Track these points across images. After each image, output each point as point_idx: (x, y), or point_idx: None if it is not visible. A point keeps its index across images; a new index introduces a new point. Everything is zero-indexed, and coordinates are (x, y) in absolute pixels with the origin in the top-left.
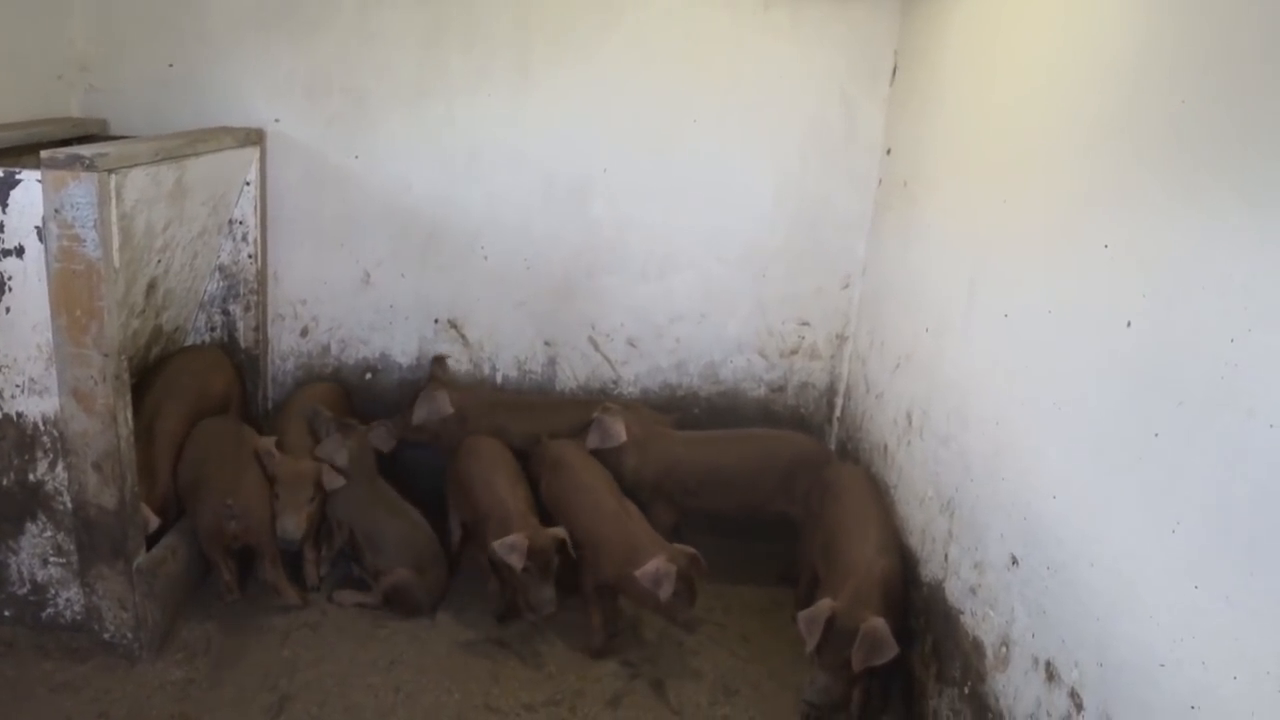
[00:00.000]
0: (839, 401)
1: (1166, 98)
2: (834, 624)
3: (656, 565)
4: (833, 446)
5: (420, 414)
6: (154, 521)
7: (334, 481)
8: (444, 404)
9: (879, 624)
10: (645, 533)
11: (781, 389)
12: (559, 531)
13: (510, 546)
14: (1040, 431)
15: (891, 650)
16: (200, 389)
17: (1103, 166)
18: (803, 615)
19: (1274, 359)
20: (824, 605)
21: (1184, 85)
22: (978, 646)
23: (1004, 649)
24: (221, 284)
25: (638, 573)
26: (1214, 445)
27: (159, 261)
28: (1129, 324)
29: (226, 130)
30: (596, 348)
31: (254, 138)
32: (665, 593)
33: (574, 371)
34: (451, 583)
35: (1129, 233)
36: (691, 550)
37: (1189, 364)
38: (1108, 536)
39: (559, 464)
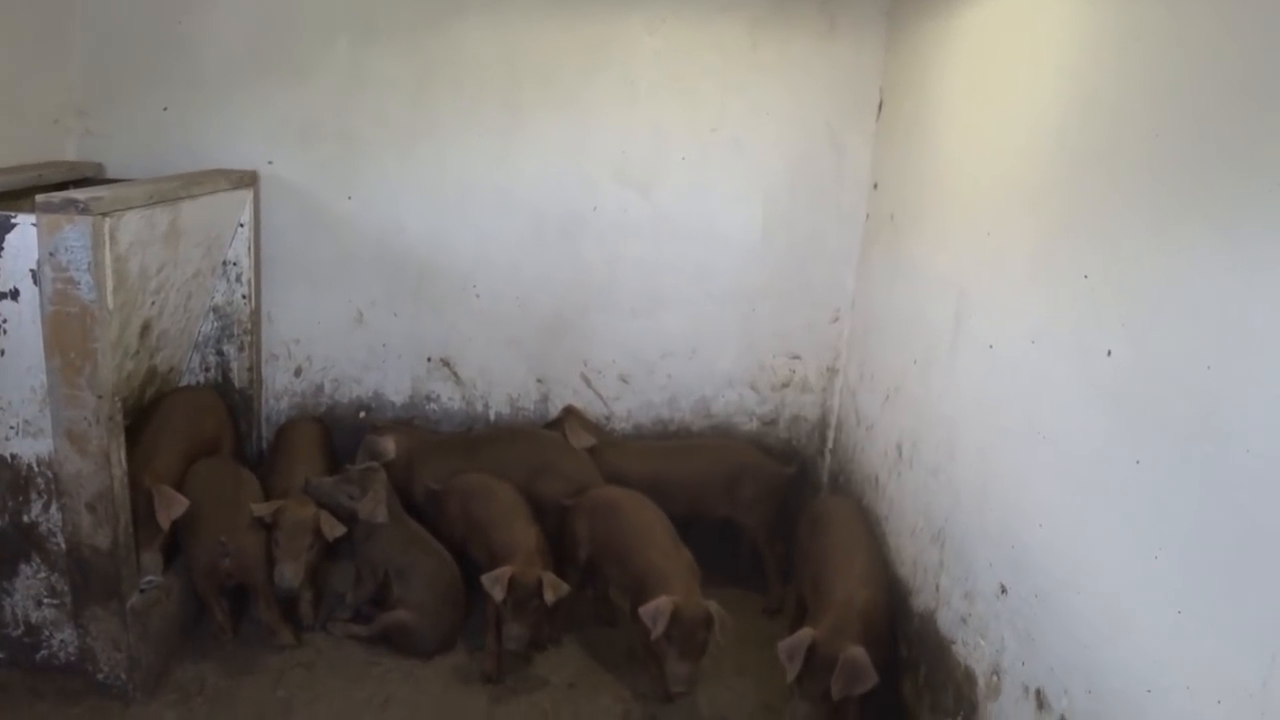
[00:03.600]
0: (830, 434)
1: (1142, 129)
2: (814, 653)
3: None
4: (825, 479)
5: (362, 459)
6: (160, 563)
7: (334, 530)
8: (386, 447)
9: (858, 653)
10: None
11: (773, 422)
12: (547, 575)
13: (494, 579)
14: (1025, 461)
15: (871, 680)
16: (193, 430)
17: (1081, 197)
18: (783, 645)
19: (1249, 386)
20: (804, 634)
21: (1158, 117)
22: (969, 676)
23: (995, 678)
24: (216, 324)
25: (641, 609)
26: (1194, 472)
27: (153, 303)
28: (1109, 353)
29: (221, 172)
30: (589, 384)
31: (248, 180)
32: (656, 630)
33: None
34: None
35: (1108, 262)
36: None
37: (1168, 392)
38: (1093, 564)
39: (610, 506)
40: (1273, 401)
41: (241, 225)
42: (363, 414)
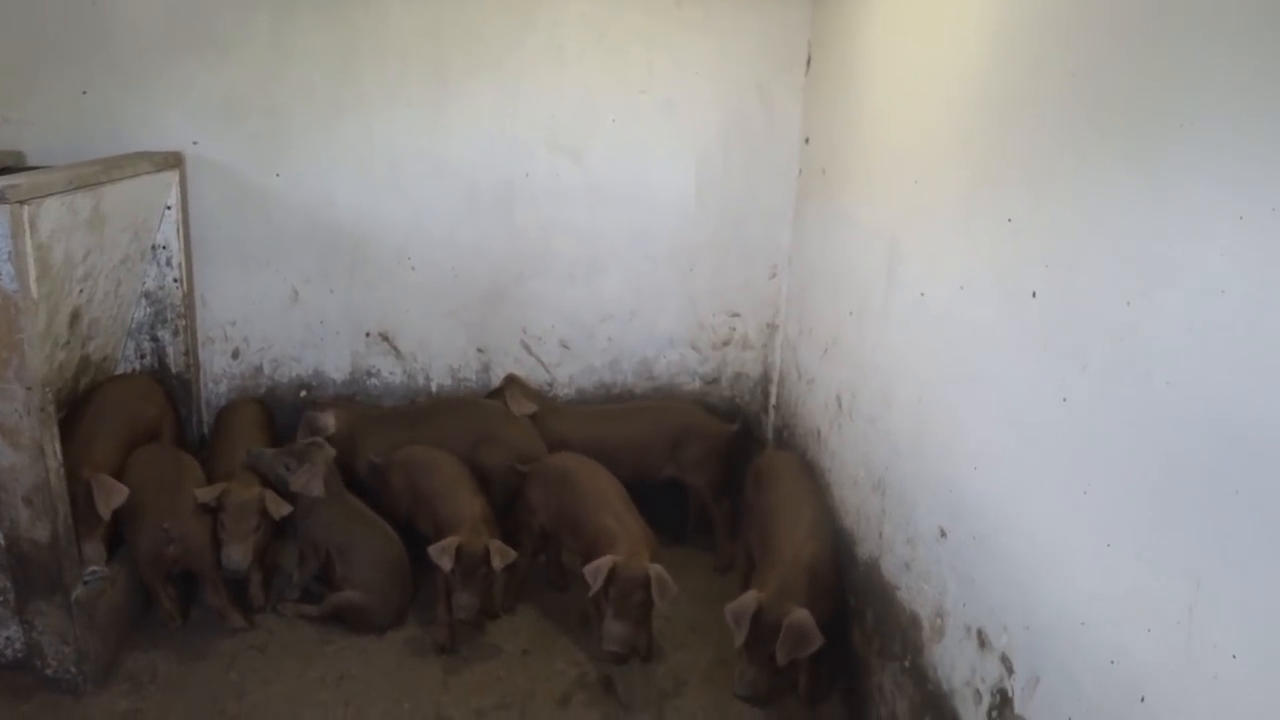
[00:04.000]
0: (773, 390)
1: (1060, 70)
2: (760, 617)
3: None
4: (769, 434)
5: (303, 436)
6: (103, 553)
7: (280, 508)
8: (326, 422)
9: (802, 616)
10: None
11: (716, 380)
12: (494, 542)
13: (441, 550)
14: (959, 405)
15: (816, 642)
16: (131, 417)
17: (1003, 141)
18: (729, 609)
19: (1168, 319)
20: (749, 599)
21: (1076, 58)
22: (914, 620)
23: (939, 620)
24: (148, 310)
25: (585, 568)
26: (1117, 407)
27: (81, 291)
28: (1034, 294)
29: (144, 155)
30: (529, 351)
31: (172, 161)
32: (594, 587)
33: None
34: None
35: (1030, 205)
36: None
37: (1091, 330)
38: (1025, 503)
39: (564, 474)
40: (1190, 335)
41: (169, 208)
42: (304, 393)
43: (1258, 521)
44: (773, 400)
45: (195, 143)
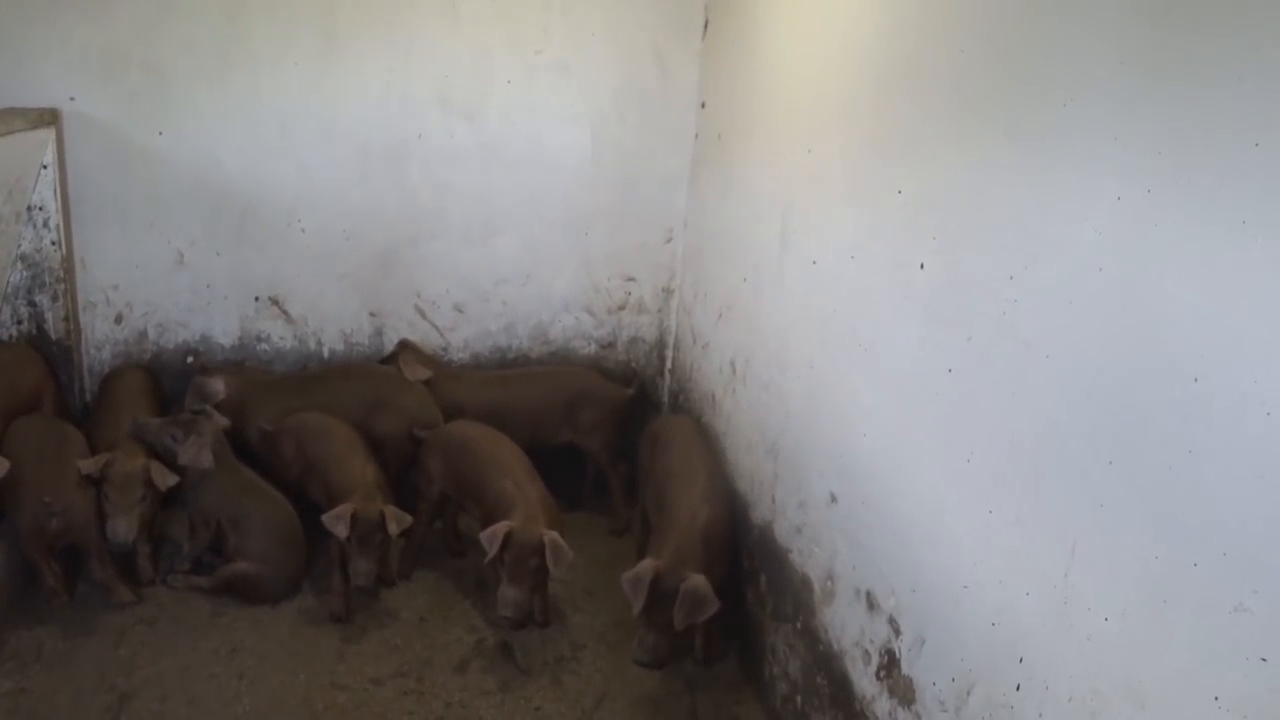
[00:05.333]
0: (669, 354)
1: (946, 46)
2: (657, 584)
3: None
4: (665, 399)
5: (191, 402)
6: None
7: (166, 479)
8: (216, 388)
9: (699, 582)
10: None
11: (611, 345)
12: (387, 508)
13: (336, 517)
14: (850, 373)
15: (712, 606)
16: (8, 387)
17: (893, 114)
18: (626, 577)
19: (1047, 293)
20: (646, 566)
21: (961, 32)
22: (806, 583)
23: (829, 583)
24: (25, 274)
25: (481, 535)
26: (999, 377)
27: None
28: (922, 265)
29: (15, 111)
30: (423, 315)
31: (48, 118)
32: (490, 553)
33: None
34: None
35: (919, 177)
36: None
37: (975, 302)
38: (912, 469)
39: (463, 441)
40: (1066, 307)
41: (45, 167)
42: (190, 359)
43: (1129, 490)
44: (668, 365)
45: (72, 99)
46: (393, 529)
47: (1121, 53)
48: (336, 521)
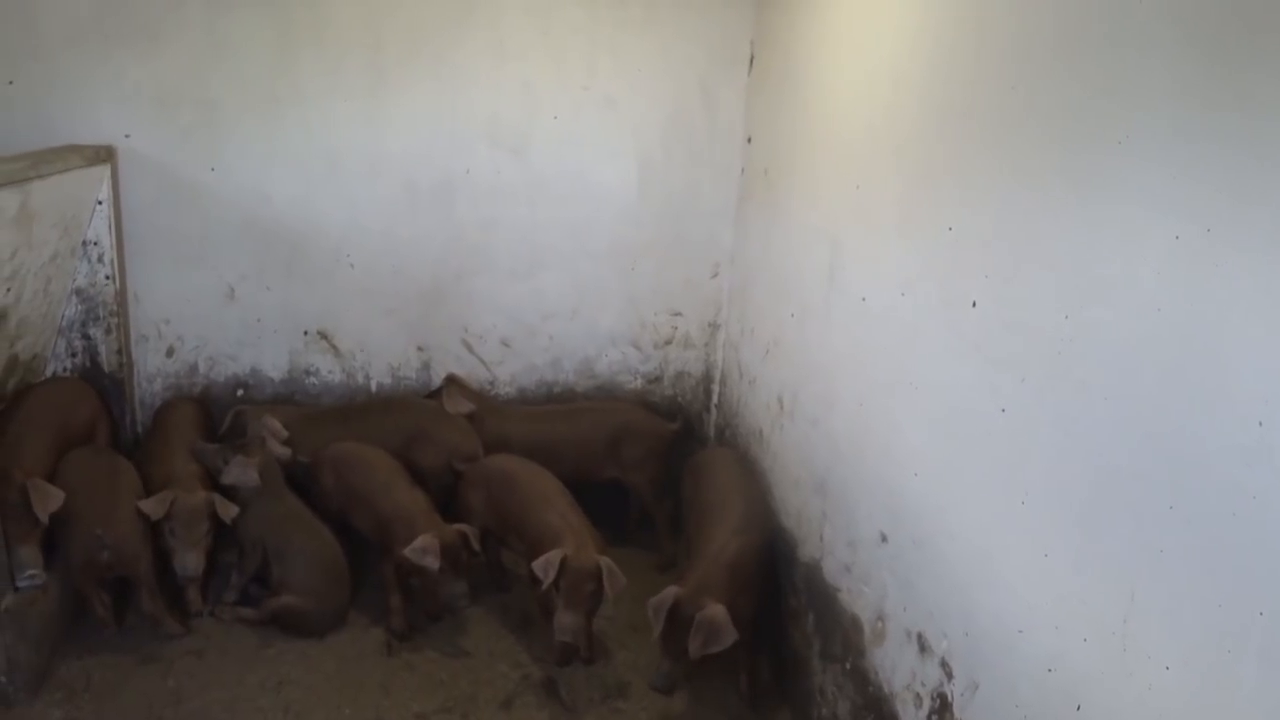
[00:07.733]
0: (715, 389)
1: (999, 82)
2: (676, 611)
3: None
4: (711, 434)
5: (255, 431)
6: (39, 558)
7: (229, 511)
8: (275, 426)
9: (716, 612)
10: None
11: (658, 379)
12: (463, 527)
13: (423, 550)
14: (899, 411)
15: (729, 638)
16: (64, 420)
17: (944, 150)
18: (651, 602)
19: (1103, 333)
20: (668, 592)
21: (1015, 70)
22: (855, 623)
23: (880, 623)
24: (80, 308)
25: (533, 563)
26: (1054, 419)
27: (9, 290)
28: (974, 304)
29: (74, 149)
30: (470, 350)
31: (104, 155)
32: (546, 581)
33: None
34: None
35: (970, 214)
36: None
37: (1029, 341)
38: (964, 510)
39: (505, 476)
40: (1123, 347)
41: (100, 203)
42: (240, 392)
43: (1190, 536)
44: (714, 399)
45: (127, 136)
46: (476, 546)
47: (1178, 87)
48: (424, 554)
